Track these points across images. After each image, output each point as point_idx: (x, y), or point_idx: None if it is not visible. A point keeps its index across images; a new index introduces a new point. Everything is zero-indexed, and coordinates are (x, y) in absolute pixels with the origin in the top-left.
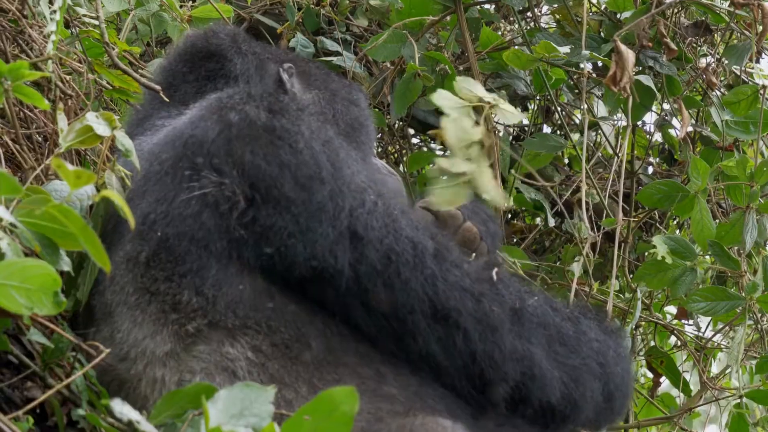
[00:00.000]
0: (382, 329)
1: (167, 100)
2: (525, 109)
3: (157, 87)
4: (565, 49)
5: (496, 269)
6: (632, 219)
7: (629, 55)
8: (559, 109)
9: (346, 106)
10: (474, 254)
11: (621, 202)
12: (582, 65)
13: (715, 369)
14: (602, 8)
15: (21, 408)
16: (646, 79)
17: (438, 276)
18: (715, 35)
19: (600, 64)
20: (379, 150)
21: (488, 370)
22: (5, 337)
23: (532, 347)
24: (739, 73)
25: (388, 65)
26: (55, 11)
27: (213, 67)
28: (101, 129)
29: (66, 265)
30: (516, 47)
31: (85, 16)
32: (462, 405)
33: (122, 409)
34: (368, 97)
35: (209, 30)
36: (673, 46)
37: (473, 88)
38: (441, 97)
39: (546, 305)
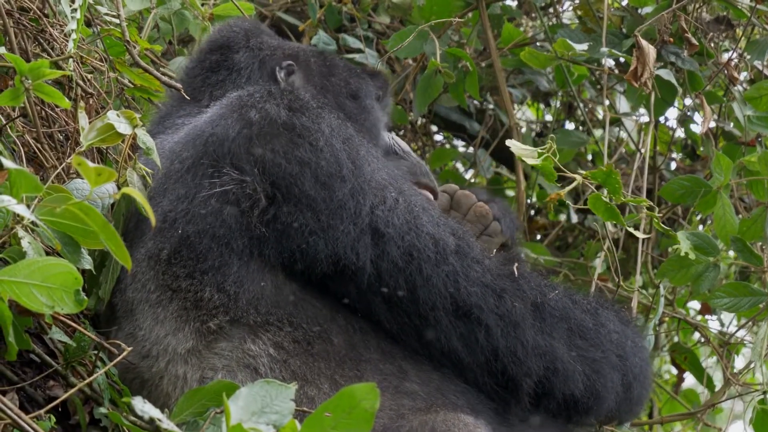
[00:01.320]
0: (404, 325)
1: (188, 98)
2: (547, 105)
3: (178, 85)
4: (582, 47)
5: (516, 264)
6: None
7: (650, 50)
8: (581, 105)
9: (343, 101)
10: (486, 231)
11: (645, 198)
12: (603, 61)
13: (740, 364)
14: (624, 4)
15: (43, 407)
16: (667, 74)
17: (459, 272)
18: (737, 30)
19: (623, 60)
20: None
21: (511, 365)
22: (27, 336)
23: (554, 341)
24: (761, 68)
25: (410, 62)
26: (75, 9)
27: (217, 58)
28: (122, 127)
29: (87, 263)
30: (537, 44)
31: (106, 14)
32: (484, 400)
33: (144, 407)
34: (380, 84)
35: (228, 23)
36: (694, 41)
37: None
38: None
39: (566, 298)
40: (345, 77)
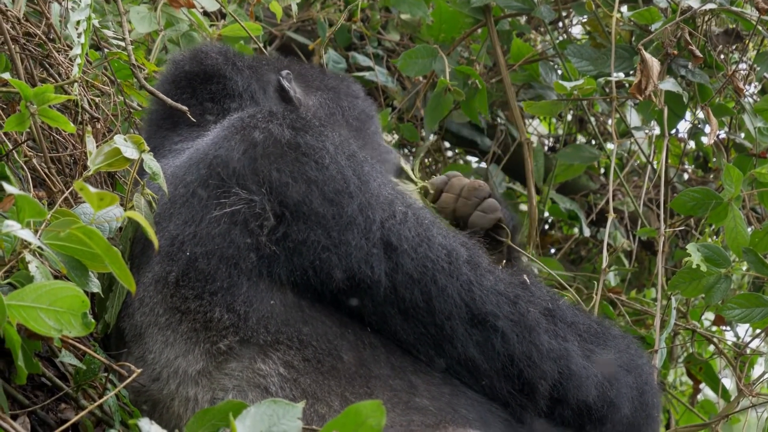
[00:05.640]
0: (421, 336)
1: (194, 120)
2: (559, 118)
3: (184, 108)
4: (577, 83)
5: (525, 274)
6: (668, 227)
7: (654, 63)
8: (592, 119)
9: (351, 102)
10: (482, 206)
11: (659, 211)
12: (612, 76)
13: (757, 373)
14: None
15: (55, 429)
16: (674, 85)
17: (474, 281)
18: (747, 42)
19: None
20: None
21: (527, 369)
22: (37, 360)
23: (568, 345)
24: None
25: (421, 79)
26: (80, 34)
27: (215, 88)
28: (129, 152)
29: (95, 286)
30: (548, 59)
31: (113, 38)
32: (495, 413)
33: (150, 428)
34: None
35: (198, 52)
36: (698, 53)
37: None
38: None
39: (572, 307)
40: (338, 79)
